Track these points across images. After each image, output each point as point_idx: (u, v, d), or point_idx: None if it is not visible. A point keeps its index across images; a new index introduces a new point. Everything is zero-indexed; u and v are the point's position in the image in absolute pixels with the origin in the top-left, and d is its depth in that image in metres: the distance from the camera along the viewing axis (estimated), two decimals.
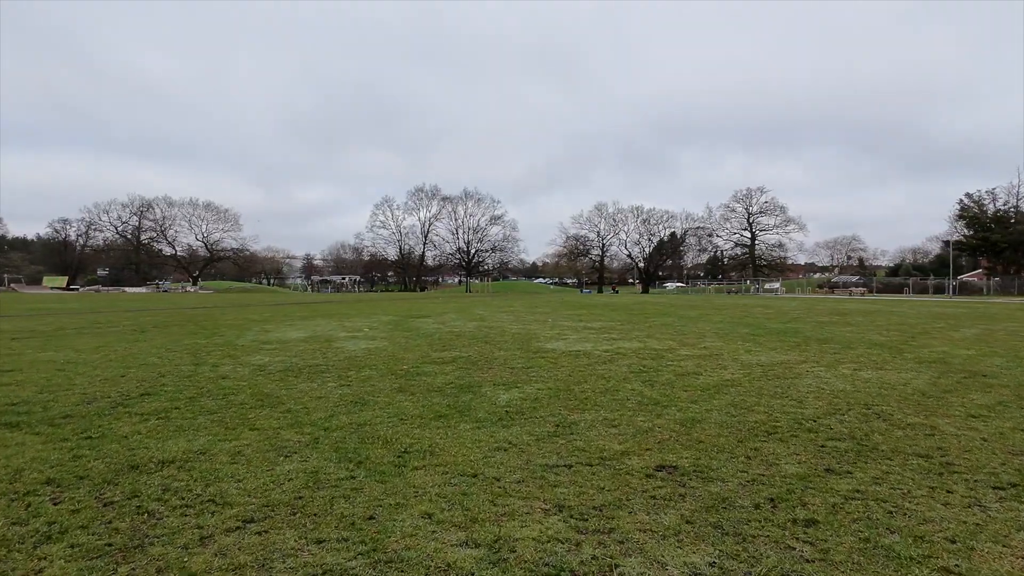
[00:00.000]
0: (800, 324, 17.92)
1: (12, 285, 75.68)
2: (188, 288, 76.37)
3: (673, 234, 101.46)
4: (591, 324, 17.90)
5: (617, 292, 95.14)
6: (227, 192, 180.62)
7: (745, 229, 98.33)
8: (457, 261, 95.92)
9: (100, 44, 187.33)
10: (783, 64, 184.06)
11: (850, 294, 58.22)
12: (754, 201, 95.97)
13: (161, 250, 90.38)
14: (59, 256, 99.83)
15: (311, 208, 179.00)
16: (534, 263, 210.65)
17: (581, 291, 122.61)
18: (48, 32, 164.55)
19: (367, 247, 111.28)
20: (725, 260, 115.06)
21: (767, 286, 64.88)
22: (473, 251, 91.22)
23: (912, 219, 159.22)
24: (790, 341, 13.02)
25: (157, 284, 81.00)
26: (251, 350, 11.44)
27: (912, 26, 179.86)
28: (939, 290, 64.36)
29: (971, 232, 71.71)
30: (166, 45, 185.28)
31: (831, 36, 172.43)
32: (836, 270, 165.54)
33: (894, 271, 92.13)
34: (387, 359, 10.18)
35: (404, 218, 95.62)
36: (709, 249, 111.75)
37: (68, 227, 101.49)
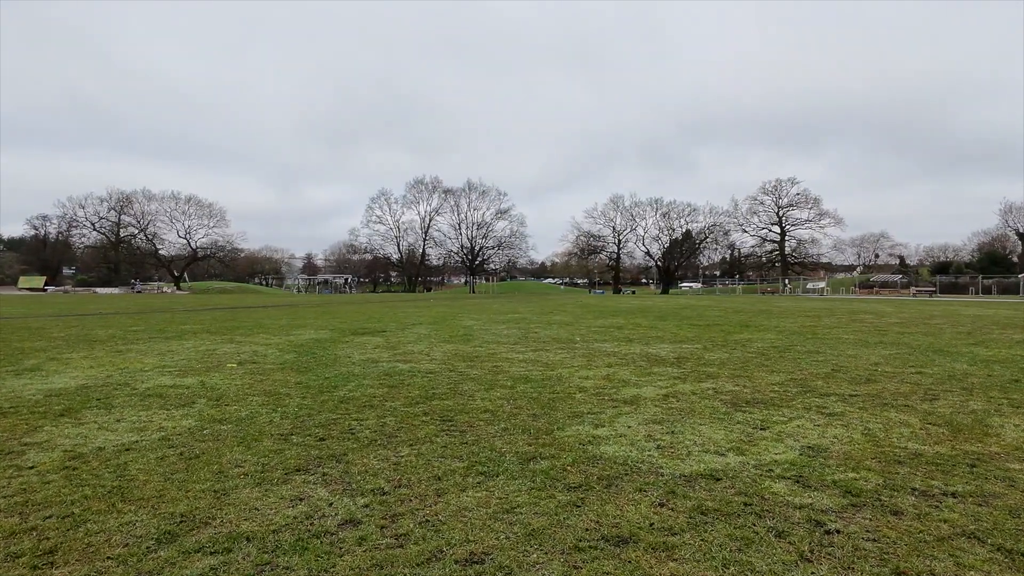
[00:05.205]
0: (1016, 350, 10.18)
1: None
2: (164, 289, 69.34)
3: (688, 232, 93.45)
4: (655, 350, 10.18)
5: (634, 293, 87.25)
6: (240, 192, 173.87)
7: (774, 224, 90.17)
8: (460, 260, 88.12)
9: (118, 42, 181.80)
10: (808, 61, 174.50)
11: (913, 295, 49.93)
12: (784, 193, 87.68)
13: (139, 248, 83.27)
14: (37, 255, 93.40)
15: (324, 208, 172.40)
16: (543, 263, 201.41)
17: (590, 292, 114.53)
18: (65, 31, 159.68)
19: (363, 244, 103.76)
20: (743, 259, 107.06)
21: (810, 285, 56.65)
22: (477, 248, 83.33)
23: (933, 217, 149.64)
24: None
25: (132, 284, 74.03)
26: None
27: (937, 24, 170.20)
28: (1007, 290, 56.14)
29: None
30: (182, 42, 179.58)
31: (857, 33, 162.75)
32: (859, 268, 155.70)
33: (942, 268, 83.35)
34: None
35: (403, 212, 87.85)
36: (725, 245, 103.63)
37: (47, 223, 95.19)
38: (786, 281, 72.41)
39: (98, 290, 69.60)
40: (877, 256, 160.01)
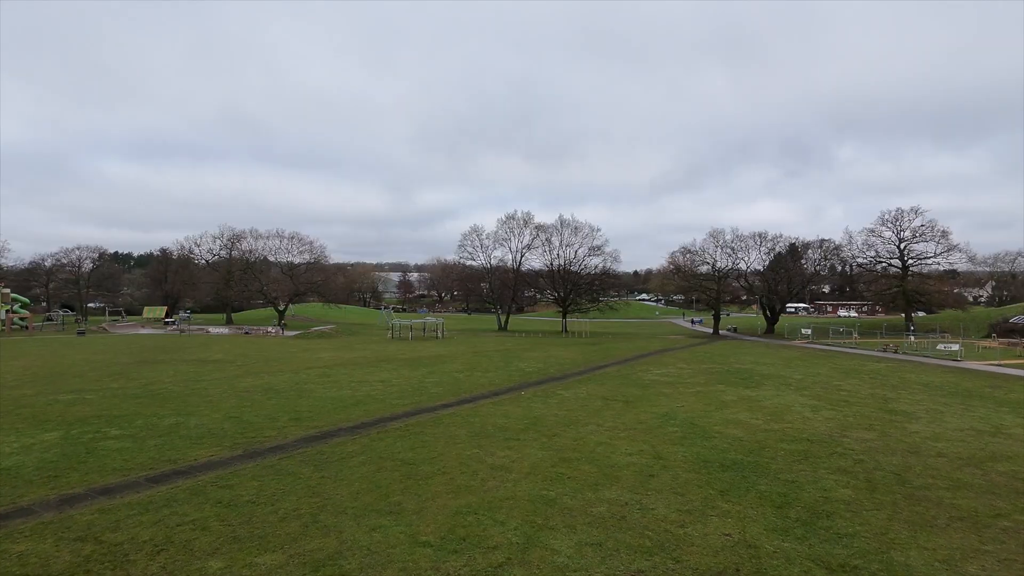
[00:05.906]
0: None
1: (104, 325, 75.37)
2: (269, 330, 72.74)
3: (793, 246, 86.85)
4: None
5: (735, 330, 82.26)
6: (358, 197, 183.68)
7: (894, 258, 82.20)
8: (553, 297, 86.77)
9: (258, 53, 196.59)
10: (980, 51, 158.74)
11: None
12: (906, 224, 79.73)
13: (247, 286, 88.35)
14: (160, 287, 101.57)
15: (435, 211, 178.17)
16: (636, 271, 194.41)
17: (692, 323, 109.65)
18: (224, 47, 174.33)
19: (458, 269, 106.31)
20: (854, 274, 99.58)
21: (940, 347, 50.44)
22: (569, 288, 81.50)
23: None
24: None
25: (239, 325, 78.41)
26: None
27: None
28: None
29: None
30: (333, 52, 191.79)
31: None
32: (984, 296, 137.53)
33: None
34: None
35: (494, 248, 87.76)
36: (835, 262, 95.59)
37: (170, 257, 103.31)
38: (911, 333, 65.46)
39: (210, 329, 74.07)
40: (1014, 277, 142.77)
